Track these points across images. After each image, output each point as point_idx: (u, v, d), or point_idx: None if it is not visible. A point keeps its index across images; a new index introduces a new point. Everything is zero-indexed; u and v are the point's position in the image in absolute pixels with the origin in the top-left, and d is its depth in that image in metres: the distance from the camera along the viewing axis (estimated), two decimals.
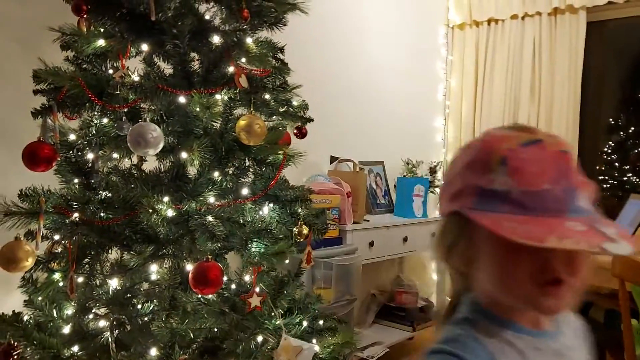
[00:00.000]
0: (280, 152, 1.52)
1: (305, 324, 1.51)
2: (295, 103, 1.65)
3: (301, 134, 1.73)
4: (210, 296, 1.42)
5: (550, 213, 0.56)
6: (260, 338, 1.39)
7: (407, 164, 3.47)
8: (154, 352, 1.20)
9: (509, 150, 0.59)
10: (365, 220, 2.94)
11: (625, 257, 1.55)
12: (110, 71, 1.36)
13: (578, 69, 3.39)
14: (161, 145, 1.20)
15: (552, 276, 0.58)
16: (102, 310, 1.37)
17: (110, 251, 1.36)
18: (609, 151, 4.45)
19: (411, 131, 3.75)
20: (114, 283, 1.29)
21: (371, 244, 2.83)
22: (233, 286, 1.50)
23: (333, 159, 3.05)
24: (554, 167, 0.58)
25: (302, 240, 1.51)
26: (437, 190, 3.74)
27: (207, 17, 1.44)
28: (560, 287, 0.58)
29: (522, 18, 3.57)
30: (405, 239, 3.08)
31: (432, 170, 3.61)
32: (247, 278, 1.53)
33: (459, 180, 0.63)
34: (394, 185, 3.43)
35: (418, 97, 3.80)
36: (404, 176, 3.41)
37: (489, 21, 3.72)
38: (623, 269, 1.55)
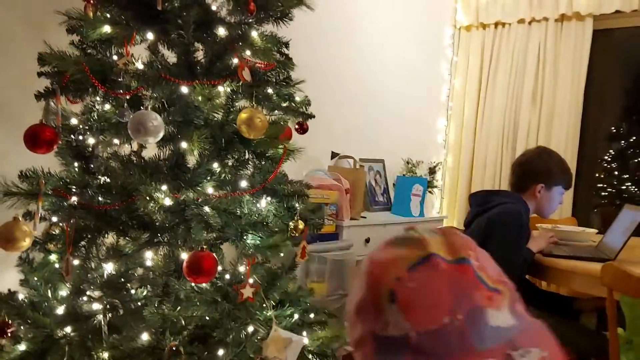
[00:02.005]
0: (280, 147, 1.53)
1: (296, 316, 1.53)
2: (297, 98, 1.66)
3: (302, 129, 1.75)
4: (204, 285, 1.44)
5: (456, 353, 0.46)
6: (250, 328, 1.41)
7: (407, 163, 3.49)
8: (145, 336, 1.22)
9: (396, 282, 0.50)
10: (362, 217, 2.95)
11: (614, 267, 1.56)
12: (115, 57, 1.37)
13: (582, 76, 3.39)
14: (161, 134, 1.22)
15: None
16: (97, 294, 1.39)
17: (106, 236, 1.38)
18: (609, 159, 4.46)
19: (413, 131, 3.76)
20: (109, 267, 1.31)
21: (367, 240, 2.85)
22: (227, 276, 1.52)
23: (334, 155, 3.07)
24: (451, 289, 0.48)
25: (297, 234, 1.52)
26: (436, 190, 3.75)
27: (213, 8, 1.45)
28: None
29: (529, 23, 3.57)
30: None
31: (432, 171, 3.62)
32: (241, 269, 1.54)
33: (356, 325, 0.54)
34: (393, 184, 3.44)
35: (421, 97, 3.81)
36: (404, 175, 3.43)
37: (495, 24, 3.72)
38: (612, 278, 1.57)
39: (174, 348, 1.15)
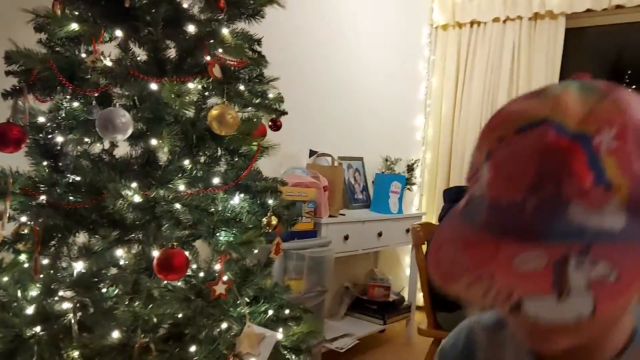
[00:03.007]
0: (254, 144, 1.53)
1: (270, 312, 1.54)
2: (270, 95, 1.66)
3: (276, 126, 1.75)
4: (178, 283, 1.43)
5: (515, 236, 0.41)
6: (224, 325, 1.41)
7: (386, 160, 3.51)
8: (116, 334, 1.21)
9: (497, 141, 0.44)
10: (341, 214, 2.97)
11: None
12: (84, 55, 1.37)
13: (555, 73, 3.46)
14: (130, 131, 1.21)
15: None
16: (68, 293, 1.38)
17: (77, 234, 1.37)
18: None
19: (391, 128, 3.79)
20: (79, 266, 1.30)
21: (346, 237, 2.86)
22: (201, 274, 1.52)
23: (312, 153, 3.08)
24: (540, 167, 0.40)
25: (271, 230, 1.53)
26: (414, 187, 3.78)
27: (185, 5, 1.45)
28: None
29: (504, 21, 3.62)
30: (380, 234, 3.12)
31: (410, 168, 3.65)
32: (216, 267, 1.55)
33: (472, 165, 0.49)
34: (372, 181, 3.46)
35: (400, 95, 3.84)
36: (382, 172, 3.45)
37: (471, 23, 3.77)
38: None
39: (144, 345, 1.15)
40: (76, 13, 1.36)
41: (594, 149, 0.39)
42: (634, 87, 4.28)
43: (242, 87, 1.53)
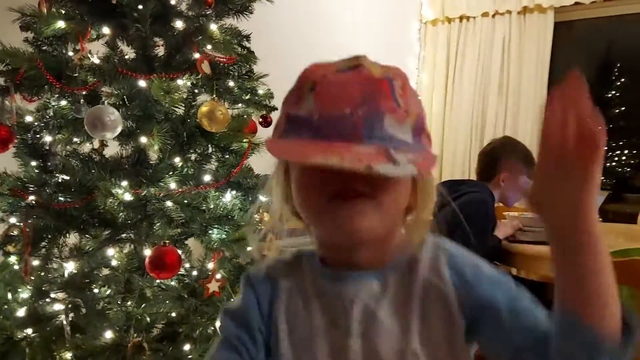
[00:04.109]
0: (245, 140, 1.52)
1: None
2: (260, 92, 1.65)
3: (266, 122, 1.74)
4: (172, 282, 1.42)
5: (344, 138, 0.52)
6: (218, 323, 1.40)
7: None
8: (108, 334, 1.20)
9: (322, 77, 0.56)
10: None
11: None
12: (71, 53, 1.35)
13: (545, 67, 3.46)
14: (119, 129, 1.20)
15: (334, 188, 0.55)
16: (60, 295, 1.36)
17: (68, 235, 1.35)
18: None
19: None
20: (70, 267, 1.29)
21: None
22: (195, 273, 1.51)
23: None
24: (361, 90, 0.54)
25: (263, 227, 1.52)
26: None
27: (172, 1, 1.44)
28: (353, 200, 0.55)
29: (493, 16, 3.62)
30: None
31: None
32: (210, 265, 1.53)
33: (280, 112, 0.61)
34: None
35: None
36: None
37: (460, 18, 3.77)
38: None
39: (138, 345, 1.14)
40: (63, 11, 1.35)
41: (395, 87, 0.55)
42: (623, 80, 4.31)
43: (231, 84, 1.52)
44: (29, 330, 1.24)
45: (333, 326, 0.61)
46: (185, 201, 1.35)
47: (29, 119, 1.34)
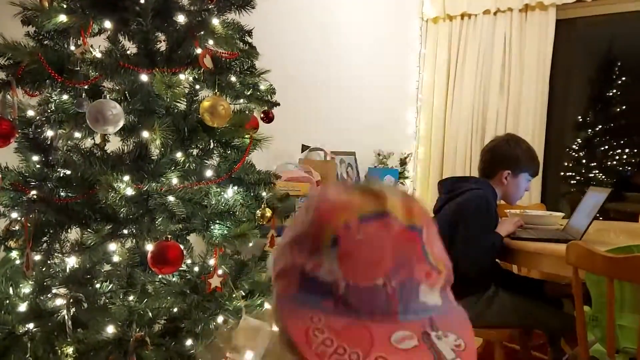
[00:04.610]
0: (246, 136, 1.52)
1: (266, 305, 1.53)
2: (262, 87, 1.65)
3: (268, 118, 1.74)
4: (173, 278, 1.42)
5: (378, 317, 0.46)
6: (220, 319, 1.40)
7: (379, 155, 3.51)
8: (110, 329, 1.20)
9: (344, 228, 0.47)
10: None
11: (579, 246, 1.60)
12: (72, 48, 1.35)
13: (546, 65, 3.46)
14: (121, 123, 1.20)
15: None
16: (62, 290, 1.36)
17: (69, 230, 1.35)
18: (576, 148, 4.57)
19: (384, 123, 3.78)
20: (72, 262, 1.29)
21: None
22: (196, 268, 1.50)
23: (304, 148, 3.06)
24: (394, 254, 0.47)
25: (265, 223, 1.52)
26: (407, 181, 3.79)
27: None
28: None
29: (494, 13, 3.62)
30: None
31: (402, 162, 3.65)
32: (211, 261, 1.53)
33: (286, 255, 0.52)
34: (365, 176, 3.46)
35: (392, 89, 3.84)
36: (375, 167, 3.45)
37: (462, 15, 3.76)
38: (577, 257, 1.60)
39: (140, 340, 1.14)
40: (64, 5, 1.34)
41: (425, 240, 0.49)
42: (624, 78, 4.31)
43: (233, 79, 1.52)
44: (31, 325, 1.23)
45: None
46: (187, 196, 1.35)
47: (30, 113, 1.33)
